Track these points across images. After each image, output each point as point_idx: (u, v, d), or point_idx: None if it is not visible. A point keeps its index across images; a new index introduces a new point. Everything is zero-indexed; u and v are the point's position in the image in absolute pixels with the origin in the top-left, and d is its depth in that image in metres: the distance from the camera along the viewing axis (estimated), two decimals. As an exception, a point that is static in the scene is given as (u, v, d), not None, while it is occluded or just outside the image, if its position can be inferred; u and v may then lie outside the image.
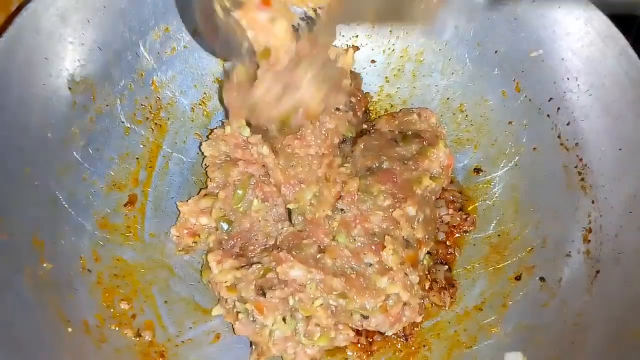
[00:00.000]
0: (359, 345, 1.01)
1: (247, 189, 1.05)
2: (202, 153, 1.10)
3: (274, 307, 0.93)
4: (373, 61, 1.20)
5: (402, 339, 1.01)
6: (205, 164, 1.10)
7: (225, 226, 1.04)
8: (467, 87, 1.16)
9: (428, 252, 1.03)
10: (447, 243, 1.10)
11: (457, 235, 1.11)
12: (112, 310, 0.97)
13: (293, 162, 1.04)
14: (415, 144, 1.08)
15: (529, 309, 1.00)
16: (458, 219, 1.11)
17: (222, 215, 1.04)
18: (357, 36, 1.19)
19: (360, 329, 0.99)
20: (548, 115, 1.07)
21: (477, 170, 1.15)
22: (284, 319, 0.93)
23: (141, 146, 1.11)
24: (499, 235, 1.09)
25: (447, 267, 1.08)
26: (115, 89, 1.07)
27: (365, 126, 1.17)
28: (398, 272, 0.95)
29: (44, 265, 0.93)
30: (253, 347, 0.98)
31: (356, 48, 1.17)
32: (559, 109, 1.06)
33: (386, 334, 0.99)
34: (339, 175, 1.03)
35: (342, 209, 1.00)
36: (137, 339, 0.97)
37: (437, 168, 1.07)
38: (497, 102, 1.14)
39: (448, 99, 1.17)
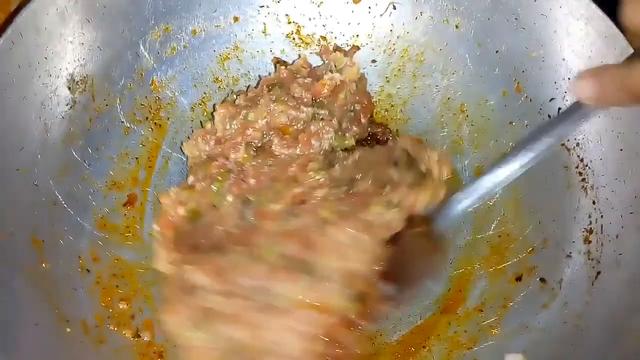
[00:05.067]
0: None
1: (223, 184, 1.00)
2: (184, 153, 1.09)
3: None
4: (373, 61, 1.20)
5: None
6: (189, 165, 1.08)
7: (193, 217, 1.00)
8: (468, 87, 1.15)
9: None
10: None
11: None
12: (111, 310, 0.97)
13: (270, 161, 1.02)
14: (411, 178, 0.96)
15: (530, 310, 1.00)
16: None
17: (194, 207, 1.00)
18: (357, 35, 1.19)
19: None
20: (549, 116, 1.07)
21: (478, 170, 1.14)
22: None
23: (141, 146, 1.11)
24: (500, 236, 1.08)
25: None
26: (115, 88, 1.07)
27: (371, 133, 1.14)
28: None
29: (43, 265, 0.93)
30: None
31: (357, 48, 1.17)
32: (559, 109, 1.05)
33: None
34: (306, 178, 0.98)
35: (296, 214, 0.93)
36: (136, 339, 0.97)
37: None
38: (497, 103, 1.13)
39: (449, 99, 1.17)
